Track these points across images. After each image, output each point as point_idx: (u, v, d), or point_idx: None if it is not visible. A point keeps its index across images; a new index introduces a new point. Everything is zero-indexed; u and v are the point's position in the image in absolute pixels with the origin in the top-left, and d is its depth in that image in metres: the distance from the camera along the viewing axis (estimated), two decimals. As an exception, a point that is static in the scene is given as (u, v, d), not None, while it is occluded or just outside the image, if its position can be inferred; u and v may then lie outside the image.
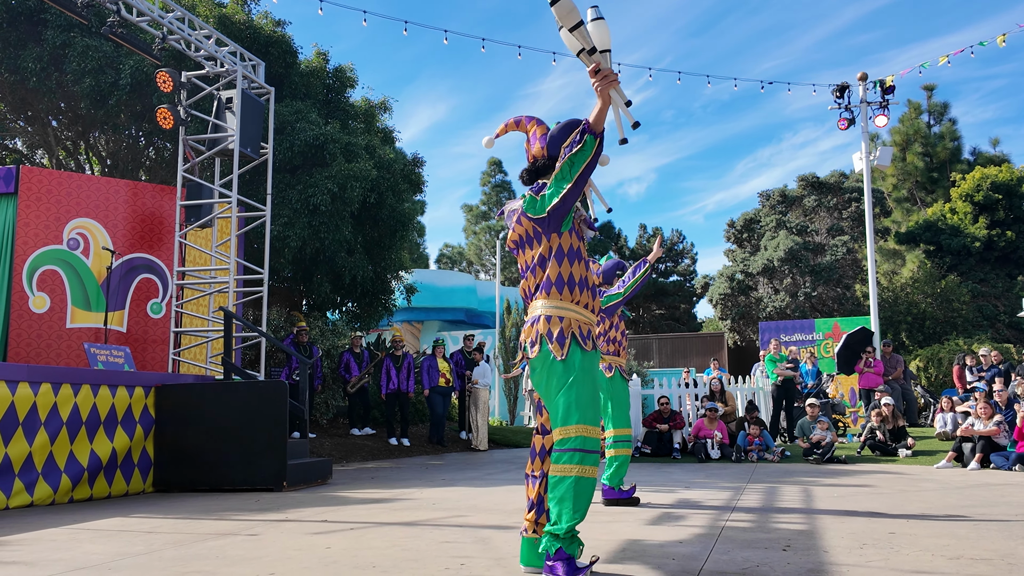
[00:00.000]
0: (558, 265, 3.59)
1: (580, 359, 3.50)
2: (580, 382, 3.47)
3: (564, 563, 3.33)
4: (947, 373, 17.63)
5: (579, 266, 3.62)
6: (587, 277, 3.64)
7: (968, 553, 4.06)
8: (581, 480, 3.39)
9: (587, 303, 3.62)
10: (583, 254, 3.66)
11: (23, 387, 6.66)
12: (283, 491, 7.59)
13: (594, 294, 3.68)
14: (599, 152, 3.48)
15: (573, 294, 3.59)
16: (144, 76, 12.22)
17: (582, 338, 3.54)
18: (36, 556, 4.30)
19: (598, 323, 6.19)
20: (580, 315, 3.58)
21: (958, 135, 28.43)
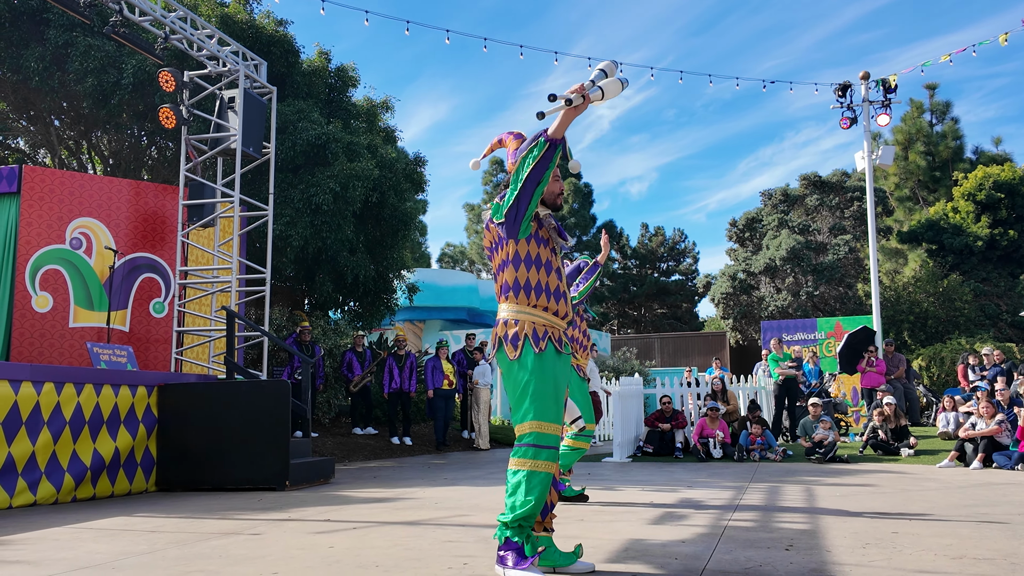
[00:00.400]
0: (515, 270, 3.70)
1: (533, 360, 3.60)
2: (534, 381, 3.59)
3: (514, 552, 3.48)
4: (949, 372, 17.62)
5: (541, 272, 3.70)
6: (551, 283, 3.73)
7: (971, 553, 4.06)
8: (533, 474, 3.51)
9: (552, 308, 3.71)
10: (550, 262, 3.74)
11: (26, 386, 6.67)
12: (286, 490, 7.60)
13: (561, 299, 3.75)
14: (548, 155, 3.53)
15: (530, 299, 3.68)
16: (146, 76, 12.23)
17: (535, 339, 3.62)
18: (39, 555, 4.31)
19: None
20: (540, 318, 3.67)
21: (960, 134, 28.39)
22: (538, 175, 3.56)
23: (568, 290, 3.86)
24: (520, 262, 3.70)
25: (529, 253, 3.71)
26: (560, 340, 3.73)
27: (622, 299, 46.82)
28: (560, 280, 3.78)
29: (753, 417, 11.16)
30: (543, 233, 3.77)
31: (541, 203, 3.82)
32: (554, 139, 3.54)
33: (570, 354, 3.79)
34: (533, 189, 3.58)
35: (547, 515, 3.73)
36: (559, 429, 3.63)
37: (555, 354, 3.68)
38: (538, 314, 3.68)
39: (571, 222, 44.19)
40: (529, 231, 3.71)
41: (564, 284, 3.82)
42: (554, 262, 3.77)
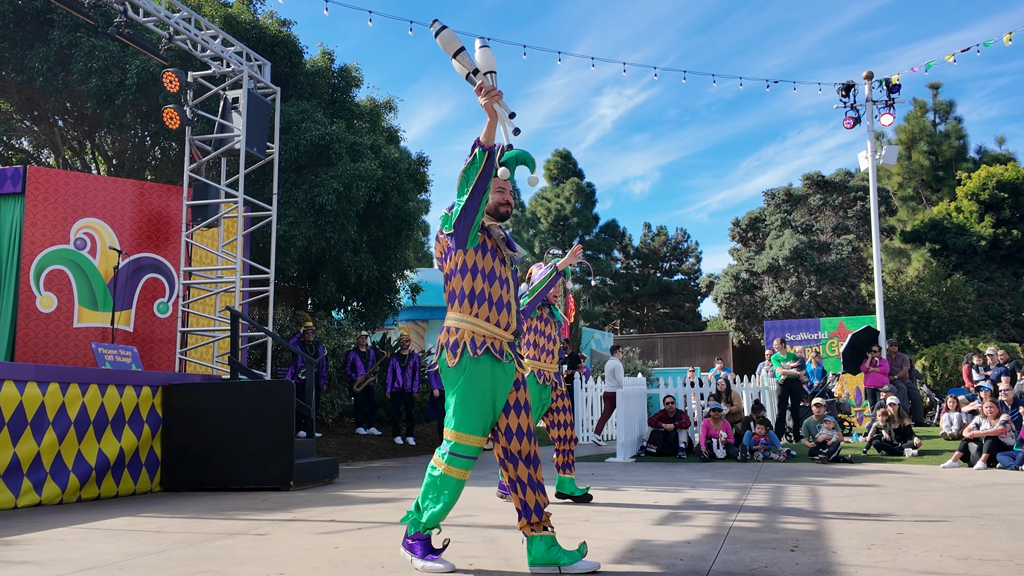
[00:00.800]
0: (461, 279, 3.81)
1: (468, 367, 3.72)
2: (464, 390, 3.72)
3: (421, 543, 3.74)
4: (953, 372, 17.60)
5: (486, 283, 3.80)
6: (494, 294, 3.81)
7: (976, 554, 4.06)
8: (446, 478, 3.71)
9: (493, 319, 3.79)
10: (495, 272, 3.83)
11: (31, 387, 6.68)
12: (290, 490, 7.61)
13: (504, 310, 3.83)
14: (490, 165, 3.62)
15: (473, 308, 3.78)
16: (150, 76, 12.25)
17: (472, 347, 3.72)
18: (46, 556, 4.32)
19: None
20: (480, 328, 3.76)
21: (964, 133, 28.38)
22: (483, 185, 3.65)
23: (515, 301, 3.93)
24: (467, 272, 3.80)
25: (476, 263, 3.81)
26: (501, 350, 3.80)
27: (625, 299, 46.82)
28: (506, 291, 3.86)
29: (757, 417, 11.15)
30: (491, 244, 3.86)
31: (487, 214, 3.93)
32: (488, 146, 3.62)
33: (512, 364, 3.86)
34: (480, 199, 3.67)
35: (542, 515, 3.78)
36: (480, 440, 3.74)
37: (492, 363, 3.76)
38: (479, 323, 3.77)
39: (573, 222, 44.20)
40: (477, 241, 3.80)
41: (511, 295, 3.90)
42: (501, 273, 3.86)
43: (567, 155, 46.68)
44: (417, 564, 3.72)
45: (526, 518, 3.78)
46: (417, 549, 3.75)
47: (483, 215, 3.78)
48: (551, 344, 6.48)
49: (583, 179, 45.80)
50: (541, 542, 3.72)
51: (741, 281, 32.87)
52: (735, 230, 35.77)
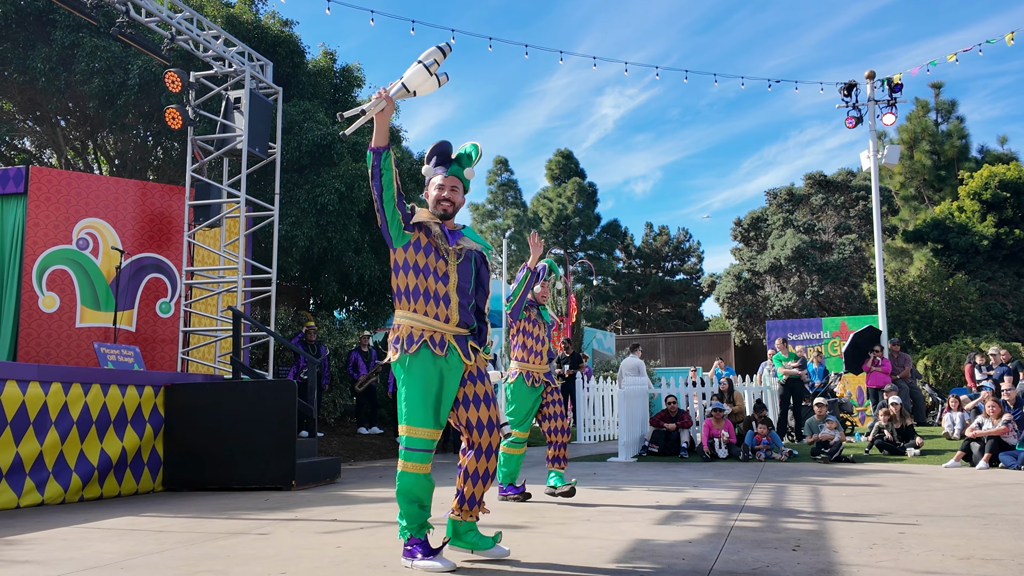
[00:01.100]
0: (396, 277, 3.95)
1: (408, 362, 3.83)
2: (406, 384, 3.83)
3: (420, 547, 3.81)
4: (955, 372, 17.57)
5: (420, 278, 3.89)
6: (431, 287, 3.89)
7: (979, 553, 4.05)
8: (402, 474, 3.81)
9: (432, 312, 3.88)
10: (431, 268, 3.90)
11: (34, 387, 6.69)
12: (292, 490, 7.61)
13: (442, 303, 3.90)
14: (376, 163, 3.75)
15: (411, 303, 3.89)
16: (152, 76, 12.26)
17: (409, 342, 3.83)
18: (48, 555, 4.33)
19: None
20: (418, 322, 3.87)
21: (966, 133, 28.31)
22: (377, 184, 3.78)
23: (459, 296, 3.95)
24: (399, 269, 3.93)
25: (407, 260, 3.90)
26: (442, 343, 3.86)
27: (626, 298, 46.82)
28: (443, 285, 3.91)
29: (759, 417, 11.14)
30: (425, 240, 3.92)
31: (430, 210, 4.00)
32: (375, 147, 3.75)
33: (456, 356, 3.91)
34: (380, 198, 3.81)
35: (474, 506, 3.99)
36: (430, 432, 3.81)
37: (432, 356, 3.83)
38: (418, 318, 3.87)
39: (575, 221, 44.22)
40: (406, 239, 3.90)
41: (453, 289, 3.94)
42: (438, 268, 3.92)
43: (569, 155, 46.69)
44: (419, 564, 3.77)
45: (459, 504, 3.99)
46: (417, 551, 3.82)
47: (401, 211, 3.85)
48: (539, 345, 6.44)
49: (585, 179, 45.82)
50: (462, 525, 4.01)
51: (743, 281, 32.87)
52: (737, 230, 35.76)
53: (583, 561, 3.94)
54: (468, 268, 4.05)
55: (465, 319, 3.98)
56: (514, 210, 45.24)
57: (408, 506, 3.82)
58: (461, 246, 4.01)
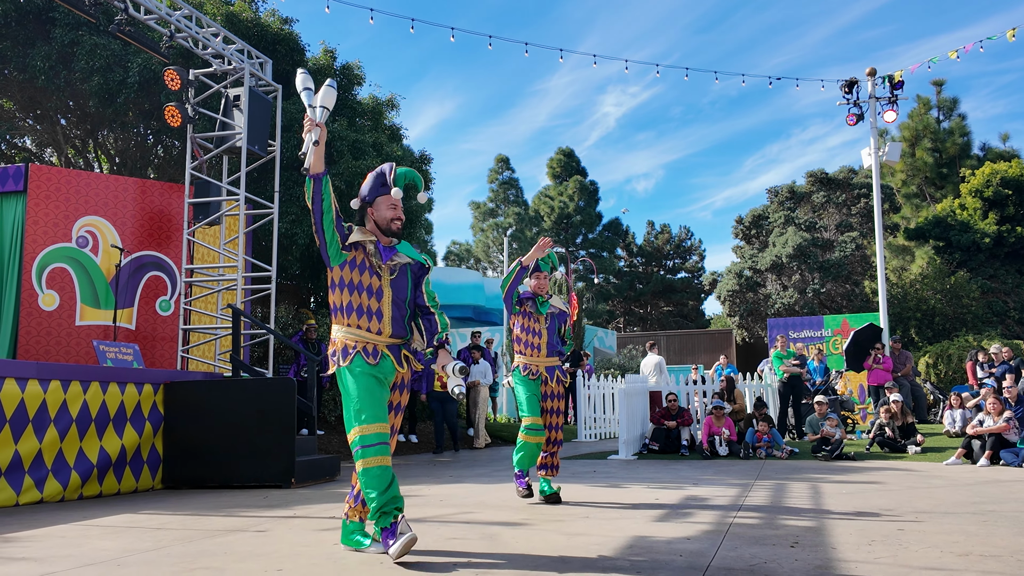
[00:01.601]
0: (332, 294, 4.16)
1: (344, 373, 4.05)
2: (350, 390, 4.03)
3: (388, 533, 3.93)
4: (956, 369, 17.55)
5: (354, 295, 4.11)
6: (364, 303, 4.11)
7: (978, 550, 4.04)
8: (367, 471, 3.95)
9: (365, 325, 4.09)
10: (363, 284, 4.11)
11: (33, 384, 6.69)
12: (291, 488, 7.61)
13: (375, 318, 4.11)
14: (317, 188, 3.97)
15: (348, 318, 4.10)
16: (152, 74, 12.26)
17: (343, 354, 4.05)
18: (46, 552, 4.33)
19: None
20: (352, 336, 4.09)
21: (967, 130, 28.28)
22: (317, 207, 3.99)
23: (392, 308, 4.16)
24: (336, 286, 4.14)
25: (343, 278, 4.11)
26: (375, 352, 4.08)
27: (628, 297, 46.80)
28: (376, 300, 4.14)
29: (759, 415, 11.13)
30: (360, 258, 4.13)
31: (377, 229, 4.19)
32: (316, 174, 3.97)
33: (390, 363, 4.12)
34: (320, 221, 4.01)
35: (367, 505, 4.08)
36: (382, 427, 3.98)
37: (363, 365, 4.05)
38: (351, 332, 4.10)
39: (577, 220, 44.19)
40: (343, 258, 4.11)
41: (387, 303, 4.16)
42: (374, 284, 4.14)
43: (570, 153, 46.68)
44: (391, 551, 3.86)
45: (354, 502, 4.19)
46: (389, 539, 3.94)
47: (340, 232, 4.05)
48: (536, 339, 6.27)
49: (586, 177, 45.80)
50: (350, 524, 4.21)
51: (744, 279, 32.85)
52: (738, 228, 35.75)
53: (582, 558, 3.93)
54: (404, 281, 4.24)
55: (398, 332, 4.19)
56: (515, 208, 45.23)
57: (381, 497, 3.91)
58: (395, 262, 4.20)
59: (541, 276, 6.35)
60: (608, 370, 20.24)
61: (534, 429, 6.15)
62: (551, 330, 6.37)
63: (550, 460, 6.32)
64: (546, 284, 6.38)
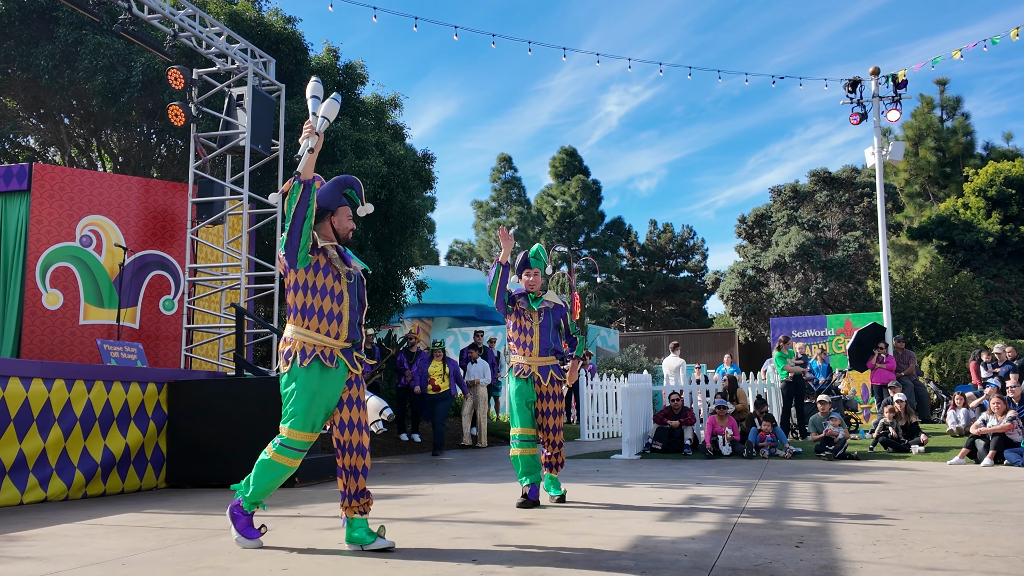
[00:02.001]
0: (294, 295, 4.27)
1: (299, 374, 4.17)
2: (295, 394, 4.18)
3: (243, 518, 4.28)
4: (960, 369, 17.52)
5: (316, 298, 4.25)
6: (325, 307, 4.26)
7: (982, 550, 4.03)
8: (272, 462, 4.19)
9: (324, 329, 4.24)
10: (326, 288, 4.26)
11: (37, 383, 6.70)
12: (295, 487, 7.61)
13: (335, 321, 4.27)
14: (306, 195, 4.10)
15: (305, 321, 4.23)
16: (155, 73, 12.26)
17: (302, 356, 4.17)
18: (49, 551, 4.33)
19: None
20: (311, 338, 4.21)
21: (971, 130, 28.24)
22: (302, 212, 4.11)
23: (349, 312, 4.33)
24: (299, 289, 4.24)
25: (307, 281, 4.24)
26: (332, 357, 4.23)
27: (631, 296, 46.78)
28: (338, 304, 4.29)
29: (761, 414, 11.11)
30: (323, 262, 4.27)
31: (334, 235, 4.37)
32: (306, 180, 4.12)
33: (343, 368, 4.28)
34: (301, 225, 4.13)
35: (359, 500, 4.23)
36: (310, 436, 4.21)
37: (321, 369, 4.19)
38: (310, 335, 4.21)
39: (579, 219, 44.17)
40: (308, 261, 4.23)
41: (346, 307, 4.32)
42: (334, 288, 4.29)
43: (573, 152, 46.64)
44: (234, 534, 4.27)
45: (346, 501, 4.24)
46: (239, 522, 4.28)
47: (310, 239, 4.18)
48: (527, 337, 6.04)
49: (589, 176, 45.76)
50: (353, 523, 4.23)
51: (747, 278, 32.82)
52: (741, 227, 35.72)
53: (585, 558, 3.93)
54: (355, 288, 4.42)
55: (353, 335, 4.35)
56: (518, 208, 45.21)
57: (263, 486, 4.21)
58: (353, 267, 4.42)
59: (532, 272, 6.11)
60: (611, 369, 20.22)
61: (525, 440, 5.98)
62: (544, 328, 6.09)
63: (555, 459, 6.17)
64: (538, 280, 6.15)
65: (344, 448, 4.26)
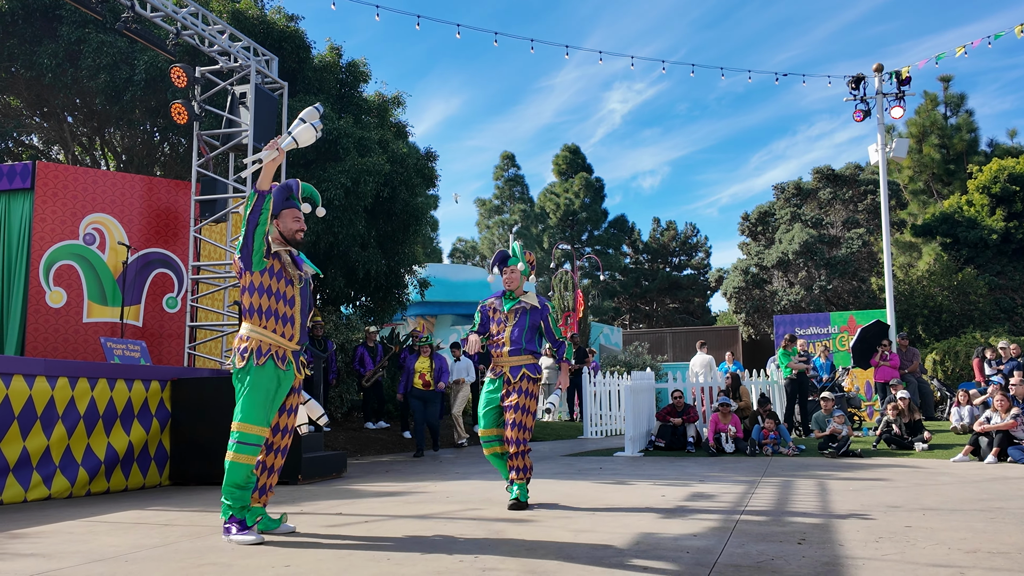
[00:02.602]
0: (250, 297, 4.51)
1: (252, 371, 4.42)
2: (250, 389, 4.43)
3: (236, 524, 4.42)
4: (963, 366, 17.49)
5: (271, 300, 4.50)
6: (280, 309, 4.53)
7: (985, 547, 4.03)
8: (234, 464, 4.42)
9: (279, 331, 4.51)
10: (280, 291, 4.53)
11: (40, 381, 6.71)
12: (298, 484, 7.63)
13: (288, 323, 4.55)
14: (259, 203, 4.35)
15: (261, 321, 4.48)
16: (158, 71, 12.26)
17: (258, 354, 4.43)
18: (53, 548, 4.34)
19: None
20: (267, 338, 4.47)
21: (975, 126, 28.14)
22: (254, 219, 4.35)
23: (300, 316, 4.60)
24: (254, 290, 4.48)
25: (262, 284, 4.48)
26: (283, 357, 4.52)
27: (634, 294, 46.74)
28: (290, 308, 4.56)
29: (764, 411, 11.11)
30: (278, 266, 4.52)
31: (282, 238, 4.59)
32: (260, 190, 4.36)
33: (291, 371, 4.58)
34: (253, 231, 4.38)
35: (264, 494, 4.68)
36: (263, 430, 4.45)
37: (274, 368, 4.47)
38: (267, 334, 4.47)
39: (582, 217, 44.15)
40: (263, 265, 4.47)
41: (296, 310, 4.58)
42: (287, 292, 4.55)
43: (576, 150, 46.61)
44: (234, 539, 4.37)
45: (258, 493, 4.65)
46: (233, 529, 4.42)
47: (266, 243, 4.45)
48: (499, 338, 5.89)
49: (592, 174, 45.74)
50: (256, 511, 4.58)
51: (751, 275, 32.77)
52: (745, 224, 35.66)
53: (588, 554, 3.93)
54: (306, 291, 4.70)
55: (303, 338, 4.63)
56: (521, 205, 45.20)
57: (235, 491, 4.42)
58: (305, 271, 4.66)
59: (508, 270, 5.96)
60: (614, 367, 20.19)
61: (487, 440, 5.88)
62: (518, 328, 5.84)
63: (518, 463, 5.70)
64: (516, 278, 5.94)
65: (273, 449, 4.66)
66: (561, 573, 3.54)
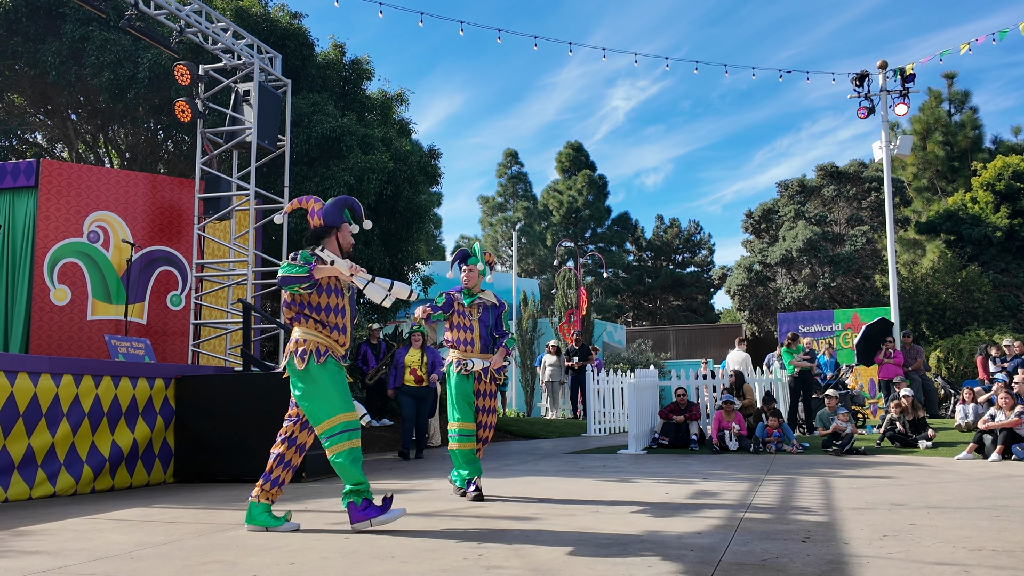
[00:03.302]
0: (300, 309, 4.76)
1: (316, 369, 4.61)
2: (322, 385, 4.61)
3: (369, 507, 4.58)
4: (967, 364, 17.47)
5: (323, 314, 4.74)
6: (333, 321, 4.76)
7: (990, 545, 4.02)
8: (349, 451, 4.55)
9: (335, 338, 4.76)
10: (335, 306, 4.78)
11: (45, 379, 6.72)
12: (302, 481, 7.63)
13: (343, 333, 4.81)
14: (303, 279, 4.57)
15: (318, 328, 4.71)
16: (162, 69, 12.28)
17: (317, 354, 4.64)
18: (58, 546, 4.35)
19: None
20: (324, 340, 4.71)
21: (979, 123, 28.08)
22: (288, 283, 4.58)
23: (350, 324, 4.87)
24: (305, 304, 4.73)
25: (312, 299, 4.72)
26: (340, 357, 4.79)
27: (637, 291, 46.73)
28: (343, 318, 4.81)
29: (768, 409, 11.10)
30: (333, 284, 4.79)
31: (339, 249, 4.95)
32: (314, 277, 4.59)
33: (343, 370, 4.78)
34: (286, 287, 4.63)
35: (275, 487, 4.73)
36: (351, 415, 4.61)
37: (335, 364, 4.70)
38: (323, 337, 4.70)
39: (586, 214, 44.14)
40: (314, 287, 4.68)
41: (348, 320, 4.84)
42: (339, 304, 4.80)
43: (579, 147, 46.60)
44: (376, 524, 4.55)
45: (266, 484, 4.69)
46: (371, 512, 4.55)
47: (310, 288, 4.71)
48: (469, 334, 6.13)
49: (595, 171, 45.73)
50: (259, 506, 4.69)
51: (754, 273, 32.73)
52: (748, 222, 35.60)
53: (592, 551, 3.93)
54: (353, 299, 4.96)
55: (351, 345, 4.88)
56: (524, 203, 45.21)
57: (353, 475, 4.53)
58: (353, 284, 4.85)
59: (467, 268, 6.25)
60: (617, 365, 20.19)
61: (465, 435, 6.09)
62: (483, 323, 6.20)
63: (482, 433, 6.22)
64: (474, 277, 6.26)
65: (294, 443, 4.76)
66: (565, 570, 3.54)
